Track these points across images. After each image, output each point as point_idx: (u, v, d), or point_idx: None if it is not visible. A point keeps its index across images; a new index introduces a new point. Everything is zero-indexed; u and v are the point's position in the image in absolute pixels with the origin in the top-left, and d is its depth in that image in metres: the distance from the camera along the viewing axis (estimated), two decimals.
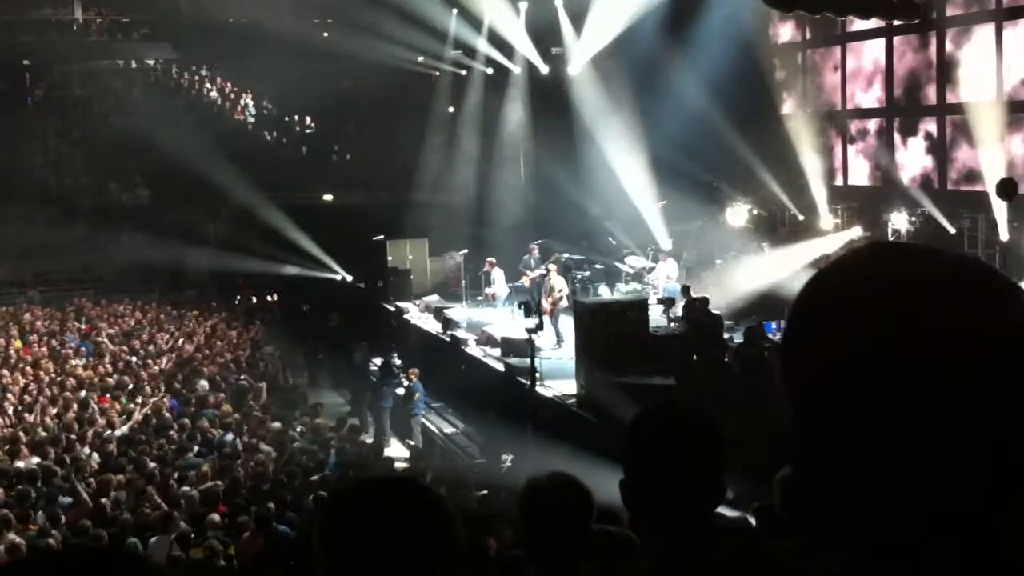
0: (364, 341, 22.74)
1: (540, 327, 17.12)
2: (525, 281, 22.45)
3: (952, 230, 18.44)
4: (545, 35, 26.59)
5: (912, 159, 20.66)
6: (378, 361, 21.40)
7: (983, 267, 0.97)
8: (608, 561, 2.77)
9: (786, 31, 23.82)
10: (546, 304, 19.25)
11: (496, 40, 27.66)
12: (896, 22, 19.36)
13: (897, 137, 21.11)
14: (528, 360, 16.66)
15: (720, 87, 20.89)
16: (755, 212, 23.08)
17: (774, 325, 16.63)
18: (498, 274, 22.05)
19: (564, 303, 19.25)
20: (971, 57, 18.86)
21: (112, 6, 37.49)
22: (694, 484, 2.18)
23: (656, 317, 18.03)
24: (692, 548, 2.16)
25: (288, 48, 29.23)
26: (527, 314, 17.36)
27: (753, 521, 5.29)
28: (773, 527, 3.79)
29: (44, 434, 14.73)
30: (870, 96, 21.75)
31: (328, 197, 31.01)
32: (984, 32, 18.60)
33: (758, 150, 21.67)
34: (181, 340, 21.90)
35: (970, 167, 19.00)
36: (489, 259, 22.47)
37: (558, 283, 19.53)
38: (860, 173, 22.28)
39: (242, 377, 19.10)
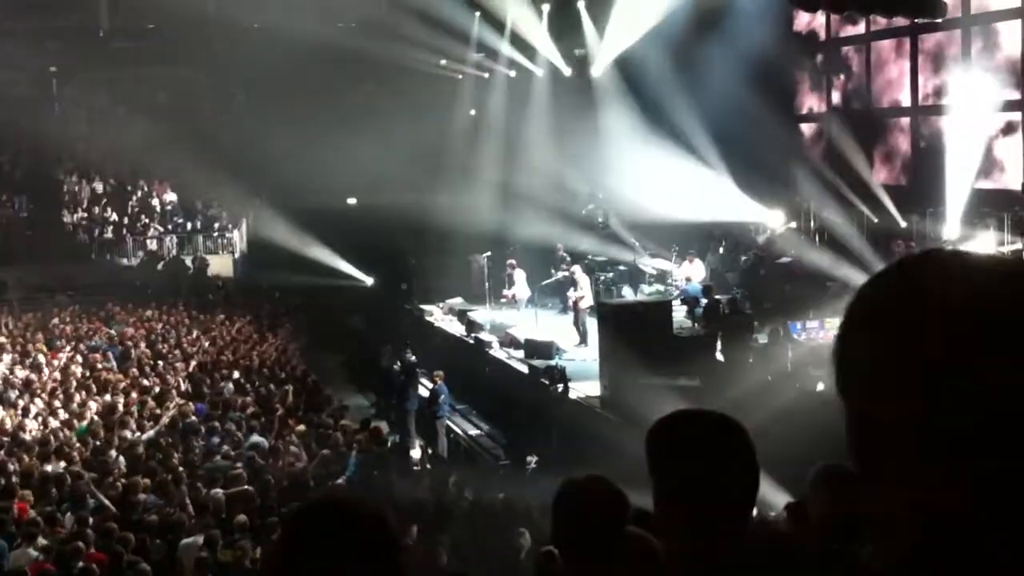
0: (387, 344, 22.76)
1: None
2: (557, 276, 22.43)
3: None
4: (567, 37, 26.59)
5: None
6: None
7: None
8: (640, 562, 2.77)
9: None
10: (573, 295, 19.54)
11: (519, 42, 27.67)
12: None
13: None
14: (551, 361, 16.68)
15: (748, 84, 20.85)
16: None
17: (799, 325, 16.55)
18: (519, 275, 22.03)
19: (587, 302, 19.31)
20: None
21: (138, 13, 37.64)
22: (725, 481, 2.18)
23: (680, 318, 18.00)
24: (725, 547, 2.15)
25: (310, 52, 29.29)
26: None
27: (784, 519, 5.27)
28: (805, 526, 3.78)
29: (72, 437, 14.82)
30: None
31: (352, 200, 31.09)
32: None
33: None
34: (207, 343, 21.99)
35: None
36: (510, 260, 22.46)
37: (583, 280, 19.64)
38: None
39: (268, 380, 19.14)
